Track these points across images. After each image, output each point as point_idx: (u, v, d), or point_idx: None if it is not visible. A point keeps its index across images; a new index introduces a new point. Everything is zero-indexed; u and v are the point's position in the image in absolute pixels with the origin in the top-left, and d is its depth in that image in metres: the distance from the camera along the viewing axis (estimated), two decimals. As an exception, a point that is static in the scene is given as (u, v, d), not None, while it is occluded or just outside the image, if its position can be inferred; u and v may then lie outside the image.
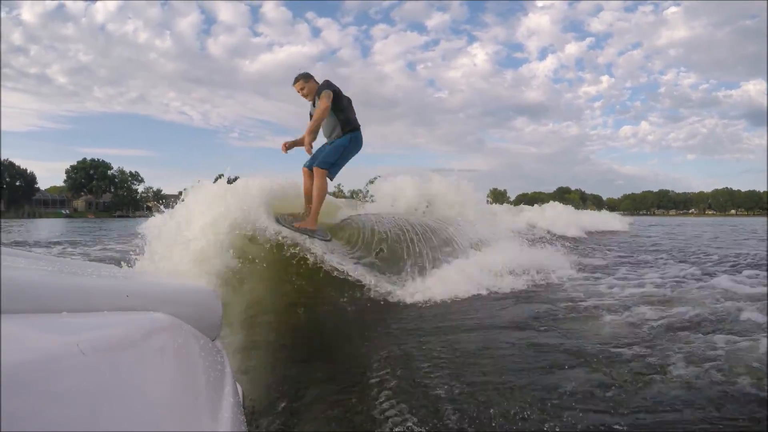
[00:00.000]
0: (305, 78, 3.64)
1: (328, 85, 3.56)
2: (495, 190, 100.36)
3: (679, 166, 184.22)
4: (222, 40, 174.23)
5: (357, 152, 3.73)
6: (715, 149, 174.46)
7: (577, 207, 19.66)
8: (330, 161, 3.54)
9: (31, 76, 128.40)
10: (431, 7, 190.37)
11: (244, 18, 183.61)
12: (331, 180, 3.65)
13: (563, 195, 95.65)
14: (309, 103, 3.74)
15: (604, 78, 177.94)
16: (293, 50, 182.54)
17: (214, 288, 1.83)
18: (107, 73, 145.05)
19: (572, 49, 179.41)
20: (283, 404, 1.78)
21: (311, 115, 3.67)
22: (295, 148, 3.72)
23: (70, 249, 8.37)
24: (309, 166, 3.68)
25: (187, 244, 2.44)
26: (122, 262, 2.32)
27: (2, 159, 63.46)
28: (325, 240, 3.49)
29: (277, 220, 3.27)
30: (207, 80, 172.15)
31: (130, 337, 0.62)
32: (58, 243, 10.15)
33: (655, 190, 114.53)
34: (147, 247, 2.54)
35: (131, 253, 2.61)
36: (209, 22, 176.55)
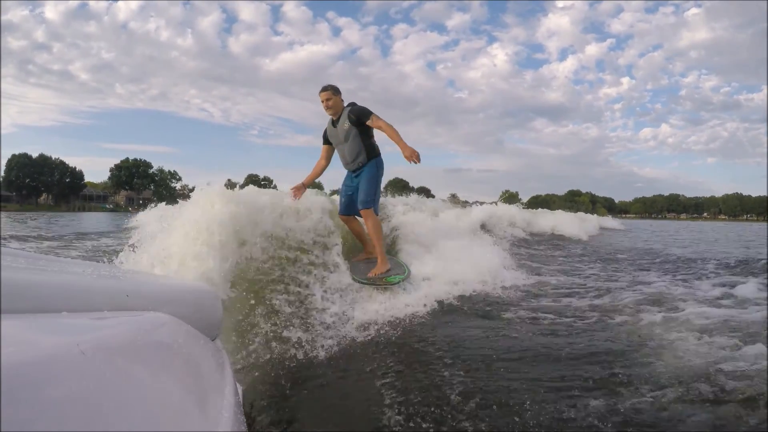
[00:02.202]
0: (335, 91, 3.49)
1: (365, 108, 3.47)
2: (507, 191, 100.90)
3: (699, 170, 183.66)
4: (243, 38, 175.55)
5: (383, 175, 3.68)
6: (736, 153, 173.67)
7: (586, 210, 19.22)
8: (371, 199, 3.45)
9: (54, 73, 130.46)
10: (451, 7, 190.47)
11: (265, 17, 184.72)
12: (377, 213, 3.59)
13: (574, 198, 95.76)
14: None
15: (625, 80, 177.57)
16: (314, 49, 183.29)
17: (213, 288, 1.83)
18: (129, 70, 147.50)
19: (592, 50, 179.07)
20: (283, 404, 1.78)
21: (326, 136, 3.64)
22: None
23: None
24: (345, 213, 3.65)
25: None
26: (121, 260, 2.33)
27: (53, 158, 68.55)
28: (403, 277, 3.35)
29: (353, 277, 3.24)
30: (228, 78, 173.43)
31: (130, 337, 0.61)
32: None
33: (674, 193, 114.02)
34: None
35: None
36: (230, 21, 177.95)
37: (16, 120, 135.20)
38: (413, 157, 3.23)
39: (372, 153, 3.53)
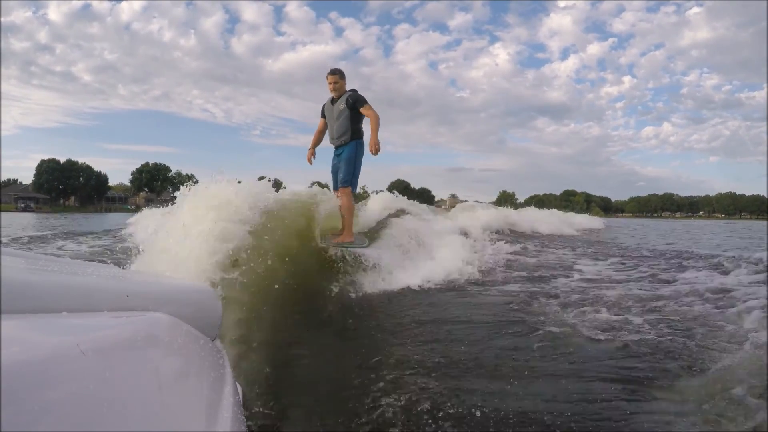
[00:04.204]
0: (341, 76, 4.01)
1: (363, 96, 3.98)
2: (504, 192, 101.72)
3: (701, 169, 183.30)
4: (246, 39, 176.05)
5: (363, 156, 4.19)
6: (737, 151, 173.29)
7: (581, 210, 19.12)
8: (349, 178, 4.01)
9: (56, 74, 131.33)
10: (453, 7, 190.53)
11: (268, 17, 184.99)
12: (354, 192, 4.17)
13: (569, 197, 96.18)
14: (323, 98, 4.24)
15: (626, 78, 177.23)
16: (316, 49, 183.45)
17: (213, 287, 1.83)
18: (132, 71, 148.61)
19: (594, 49, 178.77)
20: (283, 404, 1.78)
21: (324, 110, 4.17)
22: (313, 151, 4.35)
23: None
24: (336, 188, 4.18)
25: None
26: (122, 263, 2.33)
27: (80, 162, 74.71)
28: (363, 247, 3.97)
29: (320, 242, 3.79)
30: (231, 78, 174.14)
31: (130, 337, 0.61)
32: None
33: (669, 192, 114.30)
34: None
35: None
36: (233, 21, 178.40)
37: (19, 122, 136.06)
38: (373, 149, 3.83)
39: (355, 135, 4.03)
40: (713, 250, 7.14)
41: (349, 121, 3.96)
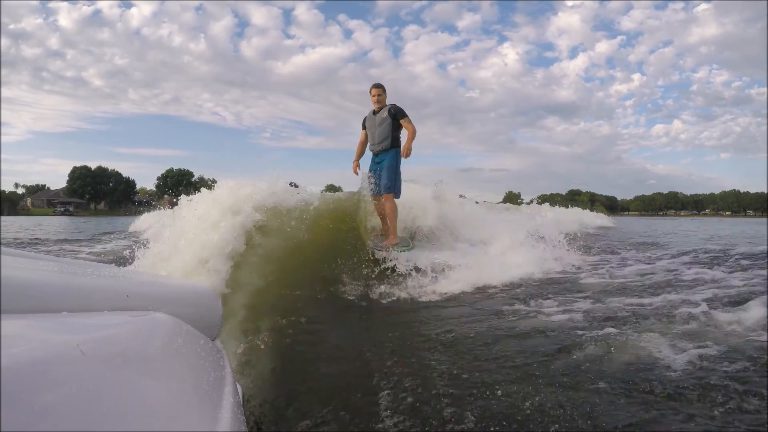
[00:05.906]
0: (384, 90, 4.49)
1: (404, 110, 4.37)
2: (510, 192, 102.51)
3: (712, 166, 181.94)
4: (255, 42, 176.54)
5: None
6: (748, 148, 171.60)
7: (584, 209, 19.19)
8: (392, 184, 4.33)
9: (67, 79, 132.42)
10: (462, 8, 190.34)
11: (277, 21, 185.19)
12: (398, 197, 4.42)
13: (574, 197, 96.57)
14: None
15: (636, 76, 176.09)
16: (325, 52, 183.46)
17: (213, 288, 1.83)
18: (142, 75, 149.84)
19: (603, 47, 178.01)
20: (283, 404, 1.78)
21: (364, 122, 4.57)
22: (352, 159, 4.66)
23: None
24: (376, 194, 4.47)
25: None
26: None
27: (110, 169, 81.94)
28: (408, 249, 4.26)
29: (369, 246, 4.15)
30: (240, 82, 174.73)
31: (130, 337, 0.62)
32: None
33: (673, 191, 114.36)
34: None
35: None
36: (242, 25, 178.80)
37: (31, 126, 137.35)
38: (406, 153, 4.29)
39: (395, 143, 4.39)
40: None
41: (390, 128, 4.32)
